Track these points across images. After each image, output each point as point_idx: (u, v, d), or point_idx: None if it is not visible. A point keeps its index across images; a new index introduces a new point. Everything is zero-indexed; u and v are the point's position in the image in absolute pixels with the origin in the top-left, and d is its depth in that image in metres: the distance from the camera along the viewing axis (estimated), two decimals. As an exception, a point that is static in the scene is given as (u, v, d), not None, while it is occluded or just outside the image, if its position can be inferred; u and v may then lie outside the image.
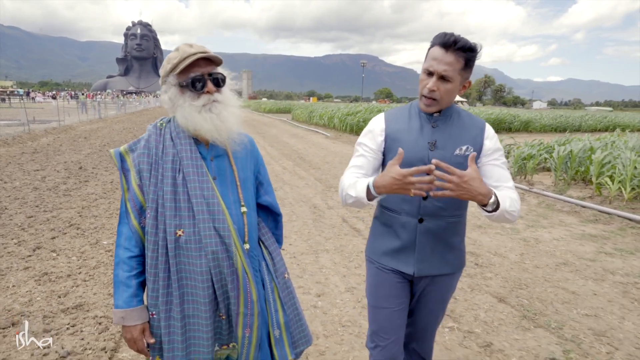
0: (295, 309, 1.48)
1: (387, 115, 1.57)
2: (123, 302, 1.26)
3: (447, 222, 1.48)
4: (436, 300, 1.60)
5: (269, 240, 1.49)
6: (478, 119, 1.52)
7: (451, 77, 1.35)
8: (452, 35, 1.34)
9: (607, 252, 4.34)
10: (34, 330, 2.59)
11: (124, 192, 1.31)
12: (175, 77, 1.26)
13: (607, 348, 2.62)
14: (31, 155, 9.28)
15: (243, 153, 1.41)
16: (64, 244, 4.09)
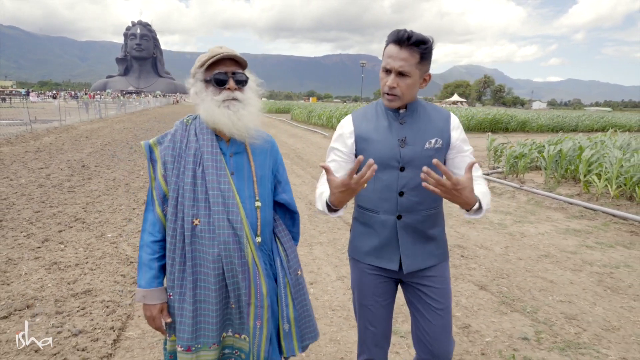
0: (305, 305, 1.52)
1: (354, 116, 1.58)
2: (145, 282, 1.37)
3: (424, 216, 1.50)
4: (436, 296, 1.54)
5: (285, 237, 1.53)
6: (443, 110, 1.54)
7: (408, 72, 1.38)
8: (405, 32, 1.37)
9: (589, 246, 4.55)
10: (47, 312, 2.81)
11: (151, 181, 1.41)
12: (202, 73, 1.36)
13: (576, 329, 2.83)
14: (34, 154, 9.48)
15: (262, 151, 1.47)
16: (71, 237, 4.30)
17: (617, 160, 6.19)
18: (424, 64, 1.40)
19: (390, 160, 1.45)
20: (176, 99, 71.20)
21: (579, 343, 2.67)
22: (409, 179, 1.46)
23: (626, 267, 3.93)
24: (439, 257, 1.56)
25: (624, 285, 3.54)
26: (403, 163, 1.46)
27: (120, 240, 4.27)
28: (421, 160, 1.44)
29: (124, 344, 2.54)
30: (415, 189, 1.46)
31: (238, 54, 1.37)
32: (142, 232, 1.42)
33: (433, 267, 1.54)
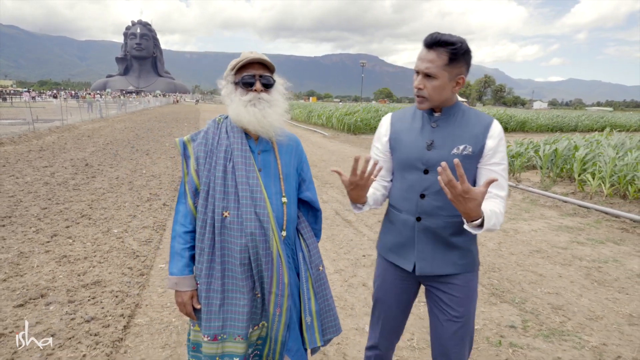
0: (327, 300, 1.57)
1: (393, 116, 1.63)
2: (177, 270, 1.44)
3: (447, 222, 1.46)
4: (453, 303, 1.51)
5: (307, 234, 1.58)
6: (486, 117, 1.47)
7: (434, 74, 1.37)
8: (433, 34, 1.37)
9: (579, 242, 4.71)
10: (60, 301, 2.96)
11: (184, 175, 1.49)
12: (232, 76, 1.45)
13: (561, 318, 2.99)
14: (38, 153, 9.63)
15: (288, 150, 1.55)
16: (78, 232, 4.45)
17: (611, 160, 6.34)
18: (454, 66, 1.37)
19: (415, 161, 1.47)
20: (176, 99, 71.34)
21: (563, 331, 2.82)
22: (432, 182, 1.45)
23: (614, 262, 4.09)
24: (463, 267, 1.49)
25: (610, 279, 3.69)
26: (427, 166, 1.45)
27: (125, 235, 4.42)
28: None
29: (133, 330, 2.69)
30: (437, 192, 1.45)
31: (267, 58, 1.43)
32: (174, 223, 1.50)
33: (455, 276, 1.50)
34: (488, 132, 1.42)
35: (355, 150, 12.79)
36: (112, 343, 2.51)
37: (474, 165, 1.45)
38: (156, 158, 9.66)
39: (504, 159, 1.44)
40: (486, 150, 1.42)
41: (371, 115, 19.67)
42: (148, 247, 4.09)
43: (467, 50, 1.37)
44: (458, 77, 1.40)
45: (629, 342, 2.70)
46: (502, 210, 1.38)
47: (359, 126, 18.64)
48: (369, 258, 4.04)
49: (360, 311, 3.03)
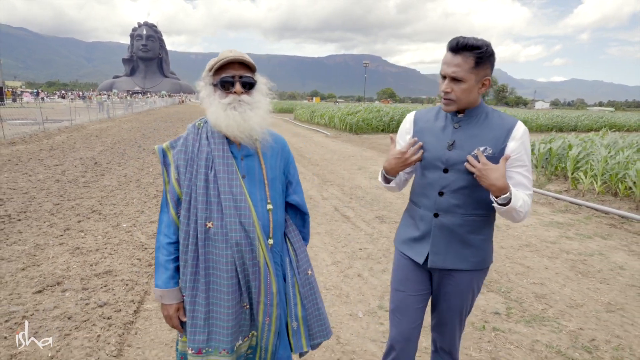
0: (316, 304, 1.54)
1: (417, 114, 1.67)
2: (162, 282, 1.40)
3: (464, 220, 1.51)
4: (454, 296, 1.61)
5: (295, 238, 1.55)
6: (510, 119, 1.50)
7: (462, 77, 1.40)
8: (458, 38, 1.40)
9: (568, 237, 4.88)
10: (74, 288, 3.20)
11: (165, 184, 1.43)
12: (211, 77, 1.38)
13: (543, 306, 3.18)
14: (49, 152, 9.93)
15: (273, 153, 1.48)
16: (90, 226, 4.70)
17: (603, 158, 6.50)
18: (480, 68, 1.41)
19: (435, 160, 1.52)
20: (181, 99, 71.93)
21: (544, 317, 3.01)
22: (451, 181, 1.50)
23: (599, 255, 4.26)
24: (474, 264, 1.55)
25: (594, 270, 3.87)
26: (447, 165, 1.50)
27: (134, 229, 4.66)
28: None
29: (143, 314, 2.92)
30: (456, 191, 1.50)
31: (247, 57, 1.37)
32: (157, 234, 1.45)
33: (463, 272, 1.56)
34: (510, 134, 1.45)
35: (357, 149, 12.98)
36: (124, 325, 2.74)
37: None
38: (162, 157, 9.93)
39: (527, 160, 1.48)
40: (508, 152, 1.44)
41: (373, 116, 19.85)
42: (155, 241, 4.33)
43: (492, 52, 1.42)
44: (484, 78, 1.44)
45: (605, 327, 2.89)
46: (528, 202, 1.43)
47: (361, 126, 18.84)
48: (365, 251, 4.25)
49: (355, 299, 3.24)
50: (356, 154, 11.90)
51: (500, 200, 1.38)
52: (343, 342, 2.66)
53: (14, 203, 5.44)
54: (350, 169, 9.22)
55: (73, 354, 2.40)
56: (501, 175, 1.35)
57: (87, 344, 2.51)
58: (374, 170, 9.07)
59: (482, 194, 1.49)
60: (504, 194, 1.37)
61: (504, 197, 1.37)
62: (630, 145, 7.66)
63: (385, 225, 5.11)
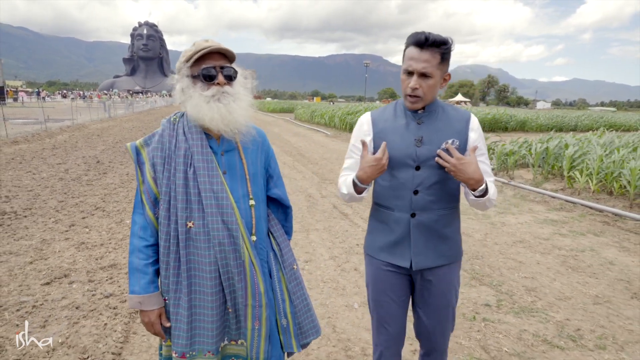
0: (304, 300, 1.51)
1: (373, 115, 1.61)
2: (140, 288, 1.32)
3: (439, 215, 1.51)
4: (437, 295, 1.59)
5: (278, 232, 1.52)
6: (463, 112, 1.55)
7: (430, 73, 1.40)
8: (424, 33, 1.39)
9: (562, 234, 4.99)
10: (81, 280, 3.32)
11: (139, 184, 1.36)
12: (188, 69, 1.31)
13: (533, 298, 3.29)
14: (51, 151, 10.06)
15: (254, 147, 1.44)
16: (94, 222, 4.82)
17: (598, 157, 6.60)
18: (444, 64, 1.43)
19: (406, 158, 1.49)
20: (182, 99, 71.91)
21: (533, 308, 3.12)
22: (424, 178, 1.48)
23: (591, 251, 4.37)
24: (450, 257, 1.57)
25: (584, 265, 3.99)
26: (419, 162, 1.48)
27: (137, 225, 4.78)
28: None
29: (147, 305, 3.03)
30: (430, 187, 1.49)
31: (225, 46, 1.32)
32: (131, 237, 1.37)
33: (442, 267, 1.56)
34: (469, 126, 1.51)
35: (357, 149, 13.08)
36: (129, 315, 2.86)
37: None
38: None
39: (484, 147, 1.56)
40: (470, 143, 1.50)
41: (373, 115, 19.95)
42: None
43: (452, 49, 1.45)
44: (445, 74, 1.47)
45: (591, 318, 3.00)
46: (495, 189, 1.50)
47: (361, 126, 18.94)
48: (361, 246, 4.35)
49: (351, 291, 3.36)
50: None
51: (477, 192, 1.42)
52: (339, 330, 2.78)
53: (20, 200, 5.57)
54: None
55: (82, 340, 2.52)
56: (477, 167, 1.40)
57: (94, 332, 2.63)
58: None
59: (452, 186, 1.54)
60: (480, 186, 1.41)
61: (481, 189, 1.41)
62: (626, 144, 7.77)
63: (383, 222, 5.22)
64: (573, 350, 2.60)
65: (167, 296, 1.36)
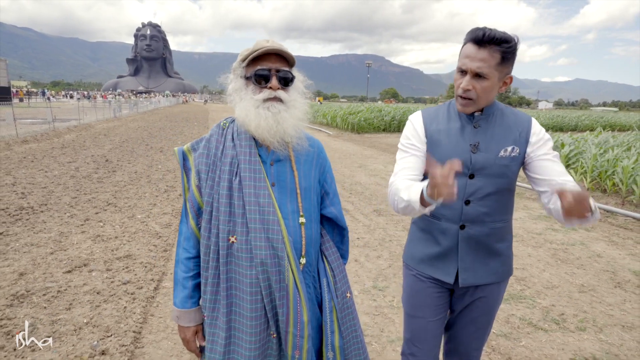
0: (355, 332, 1.36)
1: (425, 114, 1.48)
2: (179, 301, 1.28)
3: (491, 228, 1.38)
4: (482, 312, 1.48)
5: (332, 256, 1.36)
6: (523, 115, 1.42)
7: (486, 74, 1.26)
8: (484, 29, 1.25)
9: (554, 229, 5.20)
10: (99, 269, 3.56)
11: (184, 191, 1.30)
12: (243, 69, 1.23)
13: (522, 287, 3.51)
14: (61, 150, 10.33)
15: (308, 159, 1.32)
16: (107, 217, 5.07)
17: (592, 156, 6.80)
18: (505, 65, 1.28)
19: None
20: (185, 99, 72.60)
21: (521, 296, 3.34)
22: (478, 188, 1.36)
23: (581, 245, 4.58)
24: (502, 275, 1.44)
25: (573, 258, 4.20)
26: (473, 170, 1.36)
27: (148, 220, 5.02)
28: (493, 168, 1.34)
29: (162, 291, 3.28)
30: (483, 198, 1.36)
31: (286, 49, 1.22)
32: (177, 246, 1.32)
33: (491, 285, 1.44)
34: (530, 131, 1.38)
35: (358, 148, 13.32)
36: (147, 299, 3.10)
37: (518, 167, 1.39)
38: (170, 155, 10.29)
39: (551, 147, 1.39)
40: (530, 147, 1.36)
41: (374, 115, 20.21)
42: (169, 230, 4.69)
43: (517, 48, 1.29)
44: (507, 76, 1.32)
45: (575, 304, 3.22)
46: None
47: (363, 125, 19.18)
48: (362, 240, 4.59)
49: (351, 280, 3.58)
50: (357, 152, 12.24)
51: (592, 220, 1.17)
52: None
53: (35, 196, 5.82)
54: (351, 166, 9.56)
55: (105, 321, 2.76)
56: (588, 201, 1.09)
57: (115, 314, 2.87)
58: (374, 168, 9.41)
59: (508, 198, 1.41)
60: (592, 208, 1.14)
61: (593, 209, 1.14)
62: (620, 144, 7.96)
63: (382, 218, 5.45)
64: (555, 332, 2.82)
65: (206, 313, 1.27)
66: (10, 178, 6.87)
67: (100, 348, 2.48)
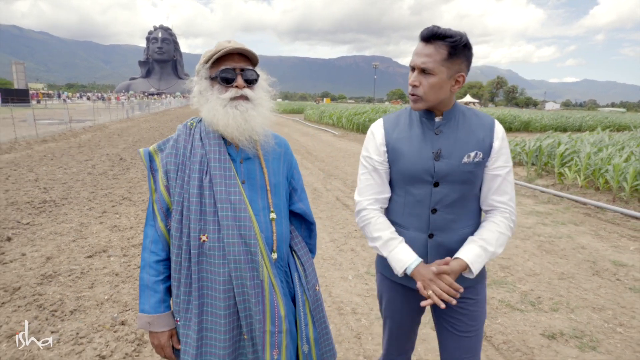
0: (324, 323, 1.39)
1: (385, 123, 1.46)
2: (150, 307, 1.23)
3: (460, 235, 1.36)
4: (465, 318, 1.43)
5: (302, 250, 1.39)
6: (486, 117, 1.38)
7: (432, 69, 1.25)
8: (431, 27, 1.26)
9: (544, 223, 5.43)
10: (117, 255, 3.93)
11: (152, 193, 1.27)
12: (207, 70, 1.24)
13: (505, 274, 3.77)
14: (78, 149, 10.82)
15: (276, 156, 1.35)
16: (123, 210, 5.46)
17: (586, 155, 7.00)
18: (453, 61, 1.25)
19: (422, 174, 1.34)
20: (195, 100, 73.44)
21: (503, 282, 3.61)
22: (444, 195, 1.34)
23: (567, 238, 4.82)
24: (474, 279, 1.40)
25: (558, 249, 4.44)
26: (437, 178, 1.33)
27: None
28: (458, 175, 1.32)
29: (173, 273, 3.62)
30: (450, 205, 1.34)
31: (248, 48, 1.23)
32: (142, 250, 1.28)
33: (466, 289, 1.39)
34: (493, 134, 1.34)
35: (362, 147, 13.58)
36: (159, 280, 3.45)
37: (482, 171, 1.35)
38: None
39: (508, 160, 1.35)
40: (492, 154, 1.33)
41: (379, 116, 20.47)
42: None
43: (468, 44, 1.26)
44: (457, 74, 1.28)
45: (553, 289, 3.48)
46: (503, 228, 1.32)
47: (368, 125, 19.46)
48: (359, 232, 4.89)
49: (347, 267, 3.89)
50: (361, 152, 12.52)
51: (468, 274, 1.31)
52: (334, 295, 3.32)
53: (56, 191, 6.25)
54: (354, 165, 9.86)
55: (123, 298, 3.11)
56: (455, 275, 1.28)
57: (132, 292, 3.22)
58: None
59: (474, 203, 1.39)
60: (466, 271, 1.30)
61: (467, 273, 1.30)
62: (615, 143, 8.12)
63: (380, 213, 5.74)
64: (530, 312, 3.09)
65: (179, 316, 1.25)
66: (33, 175, 7.33)
67: (119, 319, 2.82)
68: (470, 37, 1.31)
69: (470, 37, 1.29)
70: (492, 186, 1.35)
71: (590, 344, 2.66)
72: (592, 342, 2.67)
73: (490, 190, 1.36)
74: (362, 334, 2.77)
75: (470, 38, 1.32)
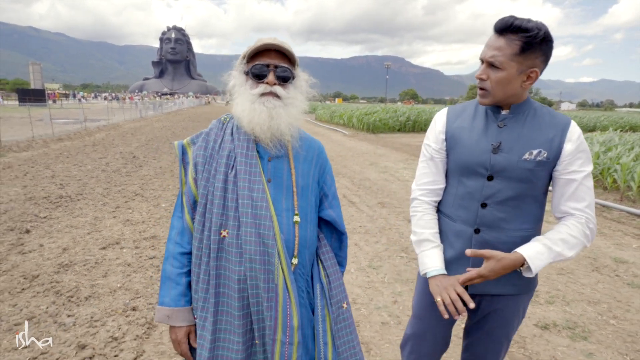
0: (352, 348, 1.26)
1: (450, 111, 1.43)
2: (170, 299, 1.21)
3: (510, 236, 1.28)
4: (497, 325, 1.40)
5: (329, 261, 1.30)
6: (562, 117, 1.28)
7: (500, 63, 1.19)
8: (507, 17, 1.18)
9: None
10: (129, 247, 4.11)
11: (182, 185, 1.27)
12: (244, 65, 1.23)
13: (504, 269, 3.84)
14: (92, 147, 11.14)
15: (308, 158, 1.30)
16: (135, 205, 5.66)
17: (595, 154, 6.97)
18: (526, 56, 1.18)
19: (477, 166, 1.30)
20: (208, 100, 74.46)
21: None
22: (497, 191, 1.28)
23: (570, 235, 4.84)
24: (520, 287, 1.34)
25: (560, 246, 4.47)
26: (492, 172, 1.28)
27: (171, 208, 5.58)
28: (515, 171, 1.25)
29: (182, 265, 3.79)
30: (502, 202, 1.28)
31: (287, 45, 1.20)
32: (167, 241, 1.26)
33: (508, 296, 1.35)
34: (566, 135, 1.24)
35: (371, 147, 13.67)
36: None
37: (547, 173, 1.27)
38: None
39: (584, 164, 1.24)
40: (563, 156, 1.24)
41: (389, 115, 20.51)
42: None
43: (546, 38, 1.17)
44: (530, 70, 1.20)
45: (551, 284, 3.53)
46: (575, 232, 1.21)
47: (378, 125, 19.51)
48: (363, 228, 4.99)
49: (350, 260, 4.00)
50: (370, 151, 12.61)
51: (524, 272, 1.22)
52: (335, 287, 3.43)
53: (72, 187, 6.49)
54: (362, 164, 9.95)
55: (134, 286, 3.28)
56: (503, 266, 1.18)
57: (143, 281, 3.39)
58: (385, 165, 9.77)
59: (532, 206, 1.30)
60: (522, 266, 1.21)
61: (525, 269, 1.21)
62: (625, 143, 8.05)
63: (385, 210, 5.83)
64: (526, 305, 3.16)
65: (196, 314, 1.23)
66: (50, 171, 7.61)
67: (131, 305, 2.99)
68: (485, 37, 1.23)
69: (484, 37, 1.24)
70: (566, 192, 1.25)
71: (582, 334, 2.73)
72: (584, 333, 2.74)
73: (563, 196, 1.26)
74: (361, 322, 2.89)
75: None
